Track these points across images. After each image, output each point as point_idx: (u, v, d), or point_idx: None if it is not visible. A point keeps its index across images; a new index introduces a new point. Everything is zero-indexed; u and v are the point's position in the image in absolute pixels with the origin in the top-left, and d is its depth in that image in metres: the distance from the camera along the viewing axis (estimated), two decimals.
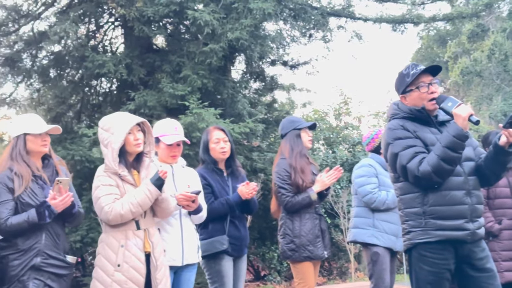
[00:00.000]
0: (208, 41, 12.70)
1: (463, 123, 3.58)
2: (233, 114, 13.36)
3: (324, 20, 16.31)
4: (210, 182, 5.12)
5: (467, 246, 3.69)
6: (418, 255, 3.71)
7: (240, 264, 5.28)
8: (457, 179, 3.68)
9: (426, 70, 3.82)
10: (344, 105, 20.48)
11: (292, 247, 5.33)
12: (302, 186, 5.32)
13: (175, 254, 4.60)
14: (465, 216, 3.65)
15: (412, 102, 3.84)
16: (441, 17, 18.33)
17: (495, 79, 25.62)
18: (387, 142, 3.82)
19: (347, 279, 15.09)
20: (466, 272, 3.71)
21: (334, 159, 16.46)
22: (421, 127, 3.79)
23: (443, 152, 3.56)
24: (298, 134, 5.50)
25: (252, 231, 13.46)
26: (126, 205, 4.04)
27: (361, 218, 5.91)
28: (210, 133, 5.27)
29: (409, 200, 3.75)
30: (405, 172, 3.69)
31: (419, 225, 3.69)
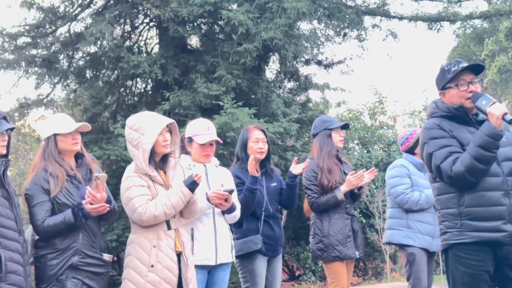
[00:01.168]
0: (242, 41, 12.72)
1: (497, 121, 3.52)
2: (267, 114, 13.36)
3: (359, 19, 16.21)
4: (243, 180, 5.13)
5: (506, 248, 3.62)
6: (454, 255, 3.67)
7: (275, 263, 5.27)
8: (495, 180, 3.62)
9: (467, 68, 3.76)
10: (379, 104, 20.37)
11: (321, 247, 5.32)
12: (328, 186, 5.31)
13: (208, 253, 4.61)
14: (503, 217, 3.59)
15: (451, 100, 3.80)
16: (478, 14, 18.09)
17: None
18: (423, 142, 3.79)
19: (383, 279, 14.98)
20: (506, 274, 3.64)
21: (369, 158, 16.36)
22: (459, 127, 3.73)
23: (476, 152, 3.51)
24: (329, 134, 5.48)
25: (287, 231, 13.44)
26: (160, 207, 4.05)
27: (395, 219, 5.86)
28: (250, 131, 5.29)
29: (445, 201, 3.71)
30: (439, 172, 3.65)
31: (454, 226, 3.65)
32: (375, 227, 14.50)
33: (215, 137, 4.77)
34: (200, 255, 4.58)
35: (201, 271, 4.60)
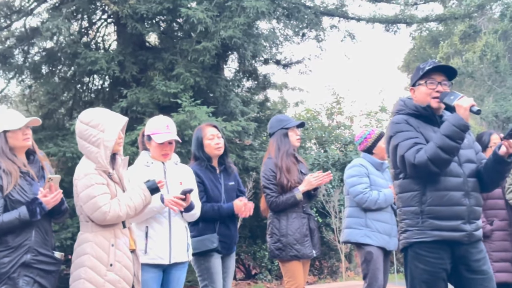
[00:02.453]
0: (201, 39, 12.68)
1: (464, 113, 3.59)
2: (225, 113, 13.34)
3: (317, 20, 16.33)
4: (203, 179, 5.13)
5: (463, 247, 3.69)
6: (414, 253, 3.72)
7: (228, 261, 5.30)
8: (456, 180, 3.68)
9: (441, 70, 3.82)
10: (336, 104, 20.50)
11: (279, 246, 5.32)
12: (287, 186, 5.32)
13: (162, 253, 4.60)
14: (462, 217, 3.66)
15: (419, 97, 3.86)
16: (433, 17, 18.40)
17: (486, 80, 25.70)
18: (389, 135, 3.83)
19: (338, 278, 15.10)
20: (462, 273, 3.72)
21: (326, 158, 16.47)
22: (425, 125, 3.80)
23: (441, 140, 3.56)
24: (285, 133, 5.48)
25: (244, 230, 13.47)
26: (124, 207, 4.01)
27: (354, 218, 5.91)
28: (203, 129, 5.27)
29: (407, 199, 3.75)
30: (403, 163, 3.69)
31: (416, 224, 3.70)
32: (331, 226, 14.61)
33: (175, 136, 4.75)
34: (153, 254, 4.56)
35: (154, 269, 4.58)
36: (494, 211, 5.63)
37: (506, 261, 5.56)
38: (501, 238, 5.59)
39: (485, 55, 25.22)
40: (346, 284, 12.27)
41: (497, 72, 25.35)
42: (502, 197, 5.65)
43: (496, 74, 25.48)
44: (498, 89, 25.33)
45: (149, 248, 4.55)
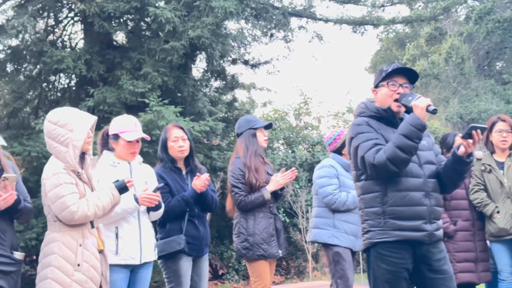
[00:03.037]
0: (169, 38, 12.63)
1: (421, 113, 3.65)
2: (193, 112, 13.30)
3: (286, 20, 16.38)
4: (168, 181, 5.10)
5: (424, 247, 3.74)
6: (376, 254, 3.75)
7: (201, 263, 5.26)
8: (417, 181, 3.73)
9: (403, 73, 3.87)
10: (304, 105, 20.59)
11: (246, 246, 5.32)
12: (255, 185, 5.32)
13: (133, 253, 4.58)
14: (423, 217, 3.70)
15: (381, 98, 3.90)
16: (400, 19, 18.59)
17: (451, 82, 26.05)
18: (350, 137, 3.87)
19: (305, 278, 15.16)
20: (423, 272, 3.76)
21: (293, 158, 16.53)
22: (386, 128, 3.84)
23: (399, 140, 3.60)
24: (253, 134, 5.49)
25: (211, 230, 13.32)
26: (92, 207, 3.98)
27: (322, 219, 5.93)
28: (168, 131, 5.25)
29: (369, 200, 3.78)
30: (363, 163, 3.72)
31: (378, 225, 3.73)
32: (298, 227, 14.66)
33: (143, 134, 4.73)
34: (125, 254, 4.53)
35: (124, 270, 4.55)
36: (457, 211, 5.71)
37: (470, 261, 5.64)
38: (464, 238, 5.67)
39: (451, 57, 25.56)
40: (313, 284, 12.33)
41: (462, 74, 25.72)
42: (465, 197, 5.74)
43: (461, 76, 25.85)
44: (463, 91, 25.69)
45: (120, 248, 4.52)
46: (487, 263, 5.74)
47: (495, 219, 5.54)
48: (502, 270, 5.66)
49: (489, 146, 5.79)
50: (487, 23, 26.01)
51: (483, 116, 21.54)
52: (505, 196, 5.57)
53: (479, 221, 5.72)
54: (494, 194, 5.62)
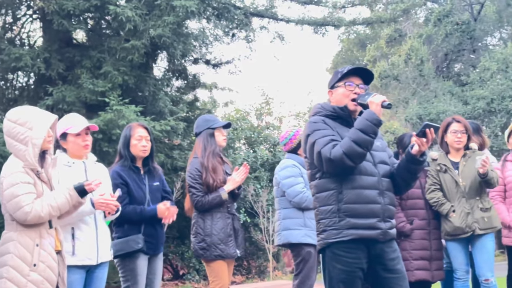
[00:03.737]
0: (130, 37, 12.56)
1: (376, 108, 3.70)
2: (154, 112, 13.25)
3: (247, 20, 16.42)
4: (126, 180, 5.07)
5: (379, 246, 3.78)
6: (331, 254, 3.76)
7: (156, 262, 5.26)
8: (371, 179, 3.78)
9: (358, 74, 3.91)
10: (265, 105, 20.68)
11: (204, 246, 5.31)
12: (213, 185, 5.31)
13: (90, 253, 4.54)
14: (377, 215, 3.75)
15: (337, 98, 3.94)
16: (360, 21, 18.80)
17: (411, 83, 26.37)
18: (306, 134, 3.89)
19: (266, 277, 15.21)
20: (378, 272, 3.80)
21: (255, 158, 16.58)
22: (341, 127, 3.87)
23: (356, 134, 3.65)
24: (212, 133, 5.48)
25: (172, 230, 13.39)
26: (46, 207, 3.93)
27: (292, 219, 5.92)
28: (133, 129, 5.22)
29: (324, 198, 3.81)
30: (320, 159, 3.74)
31: (333, 223, 3.74)
32: (260, 226, 14.71)
33: (88, 123, 4.69)
34: (82, 255, 4.49)
35: (81, 270, 4.51)
36: (414, 210, 5.79)
37: (425, 260, 5.72)
38: (420, 237, 5.75)
39: (410, 59, 25.89)
40: (273, 284, 12.37)
41: (421, 75, 26.07)
42: (421, 197, 5.82)
43: (420, 77, 26.19)
44: (422, 92, 26.04)
45: (77, 249, 4.48)
46: (441, 262, 5.83)
47: (451, 218, 5.64)
48: (457, 269, 5.76)
49: (444, 146, 5.89)
50: (446, 25, 26.43)
51: (441, 117, 21.85)
52: (460, 196, 5.67)
53: (434, 220, 5.81)
54: (449, 194, 5.72)
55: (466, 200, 5.66)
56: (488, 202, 5.74)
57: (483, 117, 24.78)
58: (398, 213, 5.71)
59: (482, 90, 23.91)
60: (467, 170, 5.68)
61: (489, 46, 29.56)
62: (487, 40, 30.05)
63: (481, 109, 23.65)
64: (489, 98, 23.46)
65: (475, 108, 23.72)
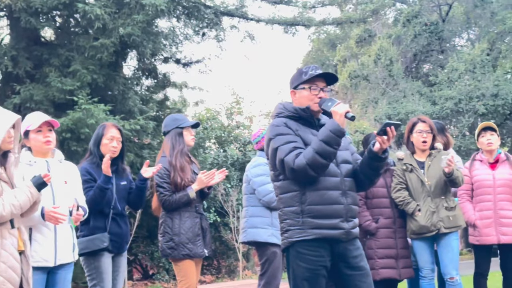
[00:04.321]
0: (99, 35, 12.48)
1: (340, 119, 3.71)
2: (123, 111, 13.18)
3: (217, 19, 16.42)
4: (94, 177, 5.07)
5: (342, 245, 3.81)
6: (295, 252, 3.79)
7: (119, 260, 5.25)
8: (334, 180, 3.80)
9: (323, 76, 3.92)
10: (236, 104, 20.67)
11: (172, 245, 5.30)
12: (180, 184, 5.30)
13: (47, 255, 4.48)
14: (340, 215, 3.78)
15: (300, 100, 3.93)
16: (330, 21, 18.92)
17: (380, 83, 26.58)
18: (269, 138, 3.89)
19: (236, 277, 15.22)
20: (341, 270, 3.83)
21: (225, 158, 16.58)
22: (304, 128, 3.88)
23: (319, 146, 3.66)
24: (180, 133, 5.47)
25: (141, 230, 13.34)
26: (7, 206, 3.87)
27: (259, 218, 5.92)
28: (106, 128, 5.22)
29: (287, 199, 3.82)
30: (282, 166, 3.76)
31: (297, 224, 3.77)
32: (229, 226, 14.72)
33: (48, 117, 4.64)
34: (38, 256, 4.43)
35: (38, 272, 4.45)
36: (379, 209, 5.85)
37: (391, 258, 5.77)
38: (386, 235, 5.80)
39: (380, 59, 26.09)
40: (243, 283, 12.40)
41: (391, 75, 26.29)
42: (387, 196, 5.88)
43: (390, 77, 26.41)
44: (391, 92, 26.26)
45: (33, 251, 4.42)
46: (408, 260, 5.90)
47: (416, 217, 5.70)
48: (423, 267, 5.83)
49: (410, 146, 5.96)
50: (415, 26, 26.69)
51: (410, 117, 22.02)
52: (426, 195, 5.74)
53: (400, 219, 5.87)
54: (415, 193, 5.78)
55: (432, 199, 5.72)
56: (453, 201, 5.82)
57: (451, 117, 25.09)
58: (364, 211, 5.77)
59: (450, 90, 24.19)
60: (433, 169, 5.76)
61: (457, 47, 29.93)
62: (455, 41, 30.42)
63: (449, 109, 23.93)
64: (457, 98, 23.75)
65: (443, 108, 24.00)
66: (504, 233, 5.99)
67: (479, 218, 6.05)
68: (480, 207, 6.09)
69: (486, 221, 6.03)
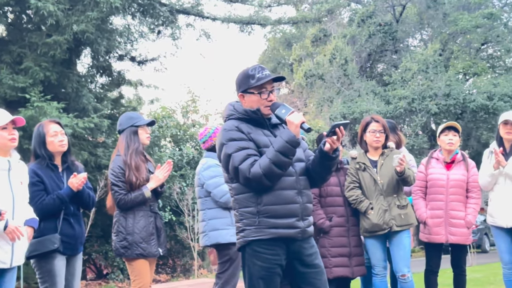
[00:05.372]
0: (52, 32, 12.29)
1: (296, 129, 3.70)
2: (77, 109, 13.00)
3: (173, 17, 16.32)
4: (43, 178, 4.98)
5: (297, 243, 3.83)
6: (251, 251, 3.79)
7: (75, 262, 5.18)
8: (289, 179, 3.81)
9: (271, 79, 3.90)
10: (192, 103, 20.62)
11: (125, 245, 5.25)
12: (135, 183, 5.26)
13: (4, 257, 4.42)
14: (296, 214, 3.80)
15: (249, 104, 3.90)
16: (286, 20, 18.98)
17: (335, 82, 26.84)
18: (221, 142, 3.85)
19: (191, 276, 15.19)
20: (296, 268, 3.85)
21: (180, 156, 16.52)
22: (255, 129, 3.86)
23: (275, 156, 3.65)
24: (135, 131, 5.42)
25: (95, 229, 13.18)
26: None
27: (219, 219, 5.88)
28: (46, 126, 5.12)
29: (243, 200, 3.82)
30: (237, 173, 3.74)
31: (253, 224, 3.77)
32: (185, 225, 14.67)
33: (13, 117, 4.58)
34: None
35: None
36: (333, 208, 5.91)
37: (344, 256, 5.83)
38: (339, 234, 5.86)
39: (335, 58, 26.34)
40: (198, 282, 12.36)
41: (346, 75, 26.56)
42: (340, 194, 5.94)
43: (345, 77, 26.69)
44: (346, 91, 26.54)
45: None
46: (361, 258, 5.97)
47: (369, 215, 5.78)
48: (375, 265, 5.91)
49: (363, 145, 6.03)
50: (369, 26, 27.03)
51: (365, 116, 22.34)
52: (378, 193, 5.82)
53: (353, 217, 5.94)
54: (368, 191, 5.86)
55: (384, 197, 5.81)
56: (404, 199, 5.92)
57: (405, 116, 25.48)
58: (318, 210, 5.82)
59: (404, 90, 24.57)
60: (385, 168, 5.84)
61: (411, 47, 30.41)
62: (409, 41, 30.90)
63: (403, 109, 24.30)
64: (410, 98, 24.13)
65: (397, 107, 24.35)
66: (453, 233, 6.11)
67: (430, 217, 6.16)
68: (432, 206, 6.20)
69: (437, 220, 6.14)
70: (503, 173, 5.95)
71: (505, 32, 26.23)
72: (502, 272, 6.20)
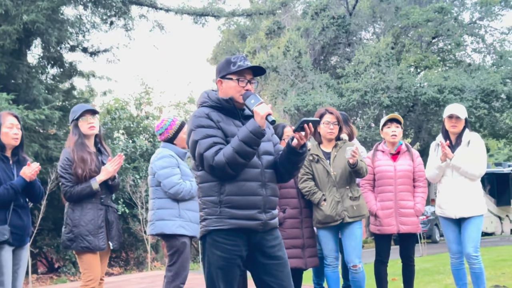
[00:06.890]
0: (1, 22, 12.05)
1: (261, 120, 3.72)
2: (27, 100, 12.79)
3: (126, 8, 16.16)
4: None
5: (259, 235, 3.85)
6: (211, 240, 3.81)
7: (21, 253, 5.16)
8: (254, 171, 3.83)
9: (251, 68, 3.92)
10: (145, 94, 20.47)
11: (71, 237, 5.24)
12: (82, 175, 5.24)
13: None
14: (258, 206, 3.82)
15: (226, 90, 3.93)
16: (240, 12, 18.97)
17: (289, 75, 26.96)
18: (190, 128, 3.87)
19: (144, 268, 15.12)
20: (257, 259, 3.88)
21: (134, 148, 16.41)
22: (226, 119, 3.89)
23: (238, 146, 3.68)
24: (76, 124, 5.40)
25: (47, 222, 13.00)
26: None
27: (166, 210, 5.86)
28: (3, 117, 5.12)
29: (207, 189, 3.84)
30: (202, 160, 3.77)
31: (214, 213, 3.79)
32: (138, 217, 14.58)
33: None
34: None
35: None
36: (286, 199, 5.94)
37: (297, 248, 5.87)
38: (292, 225, 5.90)
39: (289, 51, 26.45)
40: (151, 274, 12.31)
41: (299, 67, 26.70)
42: (294, 186, 5.98)
43: (299, 69, 26.82)
44: (300, 83, 26.68)
45: None
46: (314, 249, 6.02)
47: (322, 206, 5.83)
48: (327, 256, 5.98)
49: (316, 137, 6.08)
50: (323, 19, 27.22)
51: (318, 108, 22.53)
52: (331, 185, 5.88)
53: (306, 209, 5.99)
54: (321, 183, 5.91)
55: (337, 189, 5.87)
56: (357, 191, 5.99)
57: (357, 108, 25.78)
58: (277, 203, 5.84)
59: (357, 82, 24.83)
60: (338, 160, 5.90)
61: (363, 40, 30.70)
62: (362, 34, 31.18)
63: (356, 101, 24.56)
64: (363, 90, 24.40)
65: (350, 100, 24.60)
66: (404, 223, 6.23)
67: (381, 208, 6.26)
68: (381, 198, 6.30)
69: (387, 211, 6.25)
70: (450, 165, 6.08)
71: (455, 26, 26.69)
72: (450, 262, 6.34)
